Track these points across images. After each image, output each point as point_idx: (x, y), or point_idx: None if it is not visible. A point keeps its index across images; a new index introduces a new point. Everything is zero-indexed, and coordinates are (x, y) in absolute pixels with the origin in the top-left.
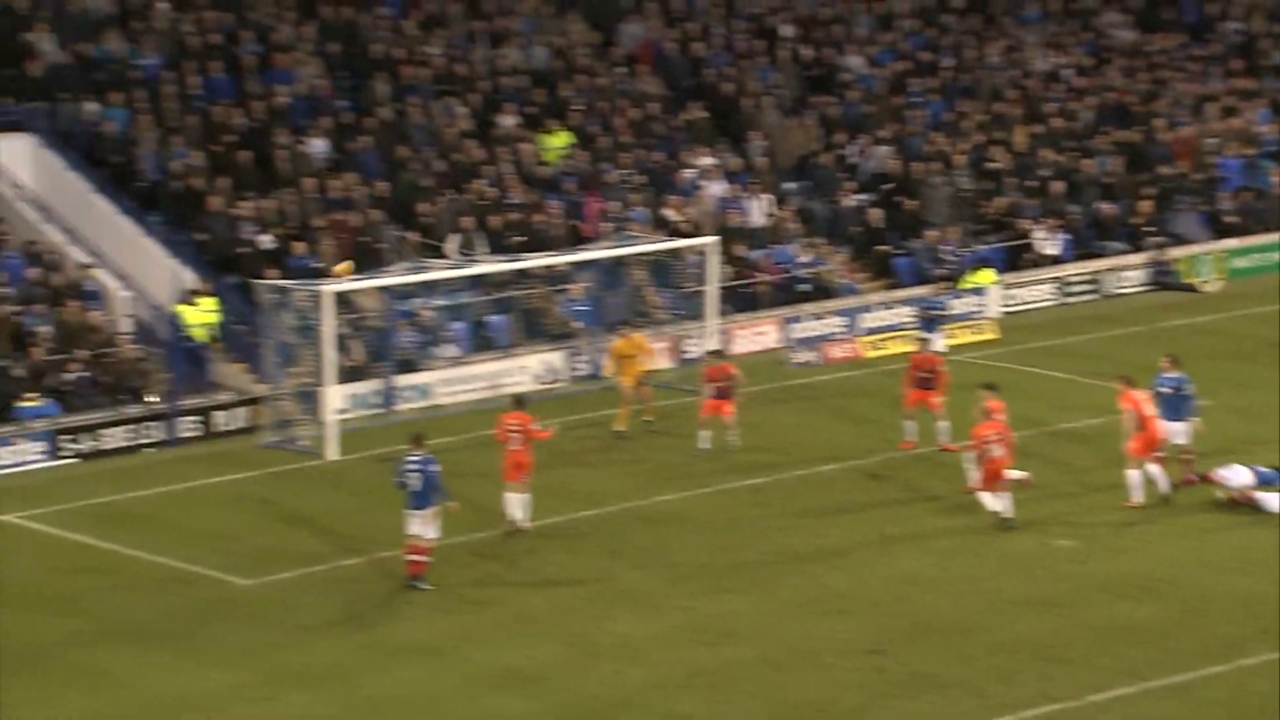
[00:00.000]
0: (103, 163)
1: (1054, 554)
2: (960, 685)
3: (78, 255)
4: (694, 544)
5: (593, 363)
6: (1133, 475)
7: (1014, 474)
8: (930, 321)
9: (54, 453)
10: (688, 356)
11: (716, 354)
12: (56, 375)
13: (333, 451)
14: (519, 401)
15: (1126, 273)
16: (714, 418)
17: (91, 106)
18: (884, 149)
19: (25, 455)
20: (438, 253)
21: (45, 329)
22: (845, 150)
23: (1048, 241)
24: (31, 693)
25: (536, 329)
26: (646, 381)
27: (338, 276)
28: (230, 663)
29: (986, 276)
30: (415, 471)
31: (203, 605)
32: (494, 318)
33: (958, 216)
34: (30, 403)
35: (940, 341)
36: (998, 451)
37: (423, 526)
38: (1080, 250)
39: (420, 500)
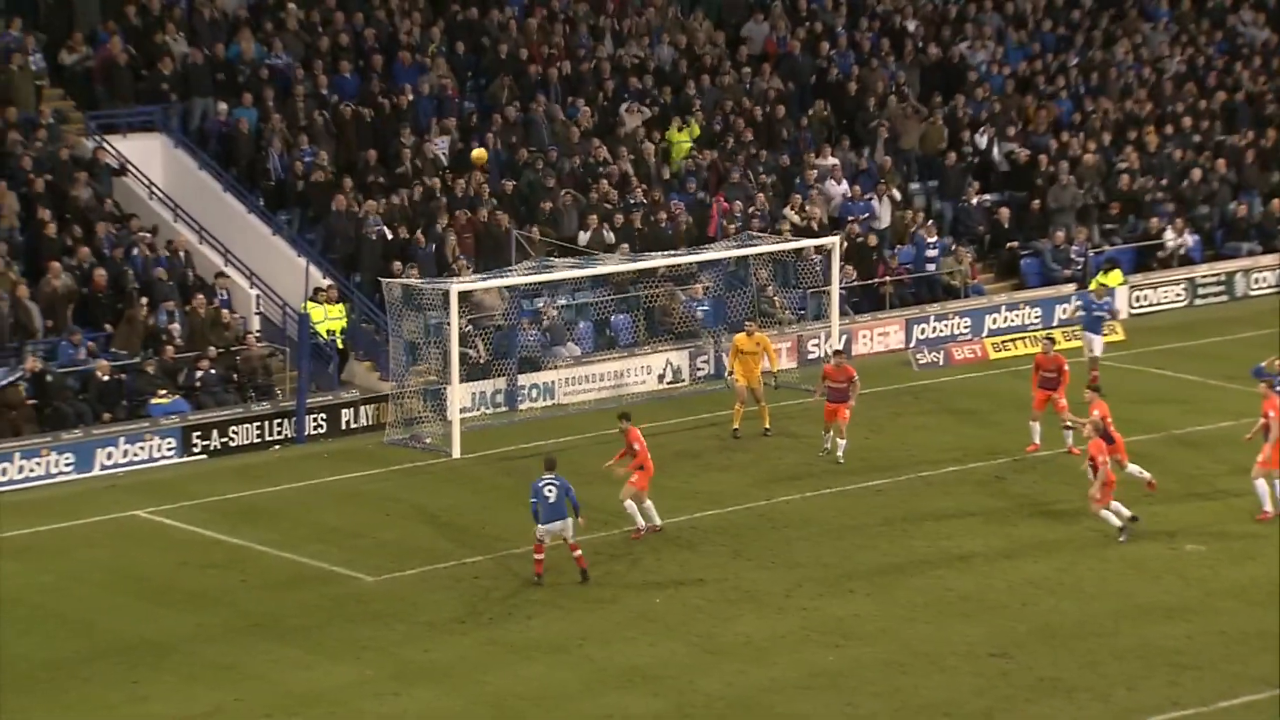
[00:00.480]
0: (233, 162)
1: (1183, 559)
2: (1086, 690)
3: (208, 254)
4: (816, 545)
5: (715, 363)
6: (1260, 485)
7: (1135, 470)
8: (1094, 322)
9: (184, 449)
10: (810, 357)
11: (840, 354)
12: (187, 373)
13: (457, 450)
14: (625, 416)
15: (1258, 274)
16: (835, 421)
17: (222, 106)
18: (1011, 147)
19: (156, 451)
20: (562, 252)
21: (176, 327)
22: (971, 149)
23: (1178, 242)
24: (162, 687)
25: (659, 328)
26: (764, 382)
27: (475, 163)
28: (356, 658)
29: (1115, 277)
30: (551, 486)
31: (330, 601)
32: (617, 317)
33: (1086, 217)
34: (161, 400)
35: (1100, 344)
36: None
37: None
38: (1210, 251)
39: (553, 513)
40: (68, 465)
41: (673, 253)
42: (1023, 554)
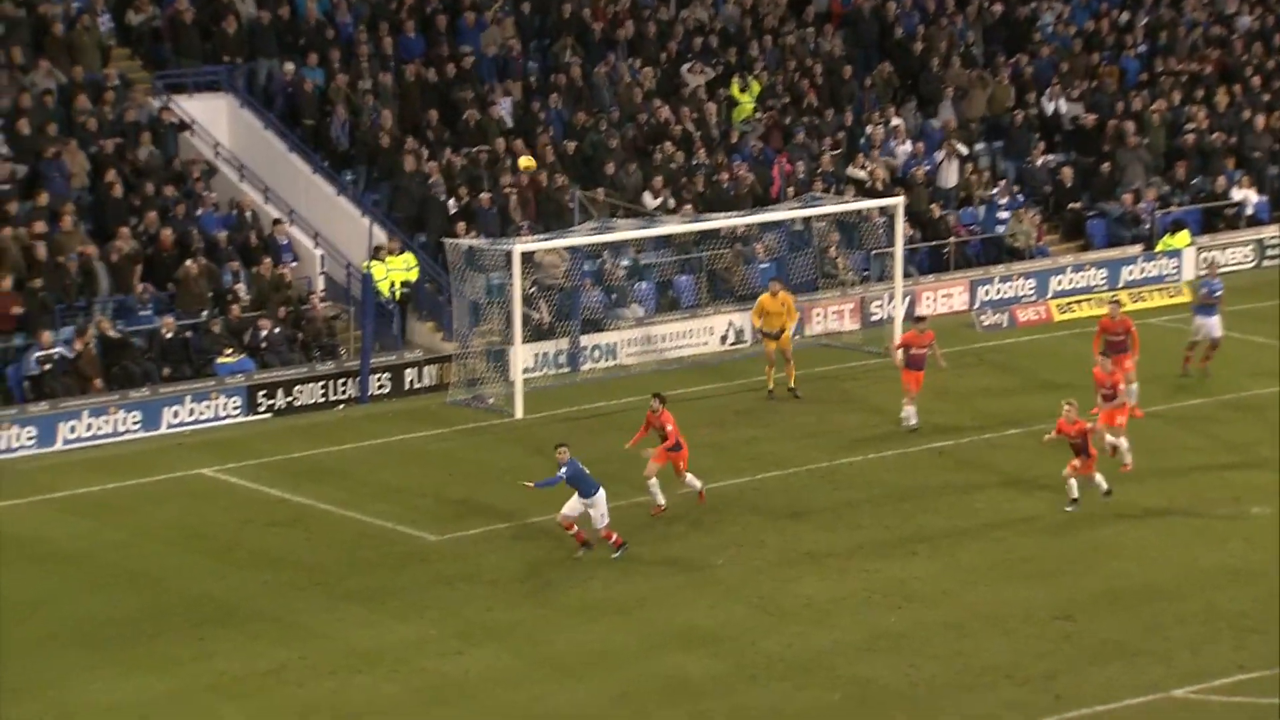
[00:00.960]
0: (298, 122)
1: (1249, 522)
2: (1149, 654)
3: (273, 213)
4: (878, 507)
5: None
6: None
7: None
8: (1209, 307)
9: (250, 408)
10: (874, 319)
11: (921, 320)
12: (253, 332)
13: (519, 410)
14: (660, 398)
15: None
16: (912, 388)
17: (288, 66)
18: (1078, 107)
19: (222, 410)
20: (624, 213)
21: (241, 287)
22: (1037, 109)
23: (1246, 203)
24: (228, 644)
25: (722, 289)
26: (790, 344)
27: (523, 170)
28: (419, 616)
29: (1182, 239)
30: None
31: (393, 560)
32: (680, 278)
33: (1153, 177)
34: (227, 359)
35: (1219, 326)
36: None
37: (590, 513)
38: (1279, 212)
39: (589, 488)
40: (135, 424)
41: (735, 214)
42: (1086, 517)
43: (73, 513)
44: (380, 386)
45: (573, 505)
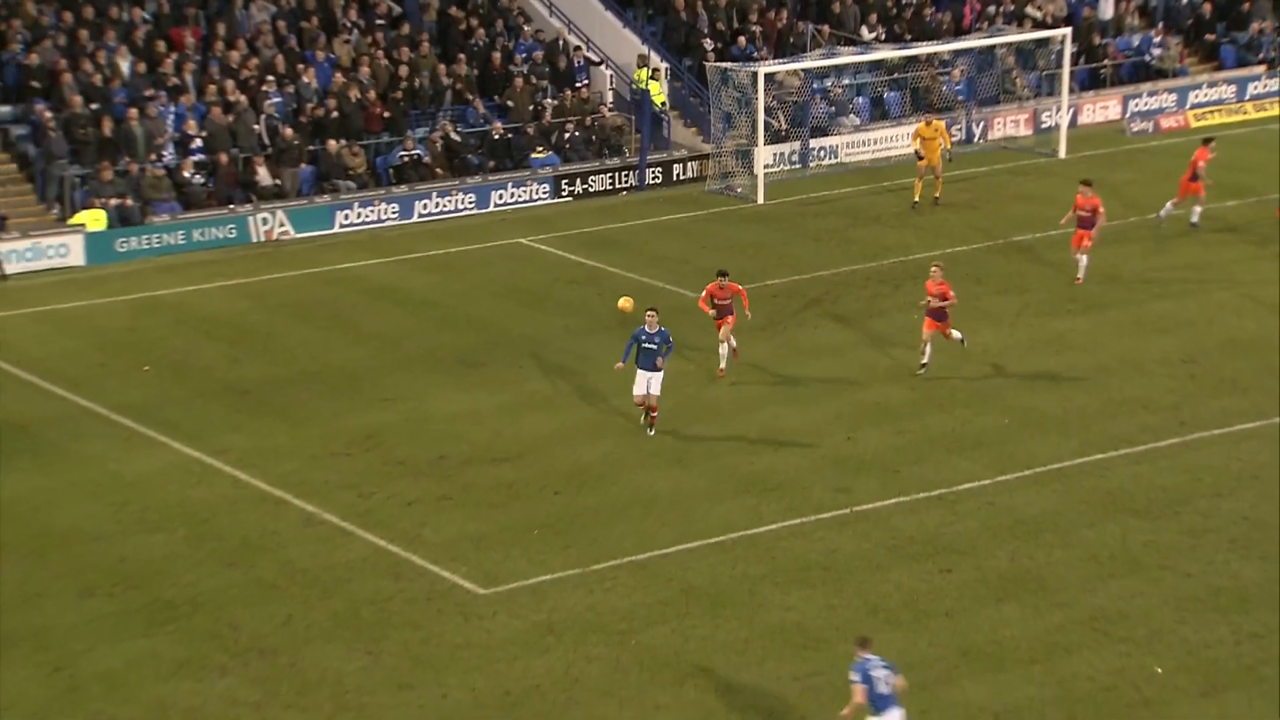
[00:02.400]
0: None
1: None
2: (1258, 389)
3: (574, 42)
4: (1043, 274)
5: (965, 130)
6: None
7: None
8: None
9: (555, 192)
10: (1043, 126)
11: (1087, 184)
12: (558, 134)
13: (761, 197)
14: (724, 274)
15: None
16: (1080, 247)
17: None
18: None
19: (535, 194)
20: (845, 42)
21: (550, 101)
22: None
23: None
24: (539, 372)
25: (922, 103)
26: (944, 159)
27: (621, 310)
28: (679, 354)
29: None
30: (653, 343)
31: (663, 310)
32: (889, 94)
33: (1277, 9)
34: (539, 155)
35: None
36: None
37: (650, 386)
38: None
39: (650, 362)
40: (470, 203)
41: (934, 42)
42: (1212, 282)
43: (425, 269)
44: (654, 177)
45: (640, 384)
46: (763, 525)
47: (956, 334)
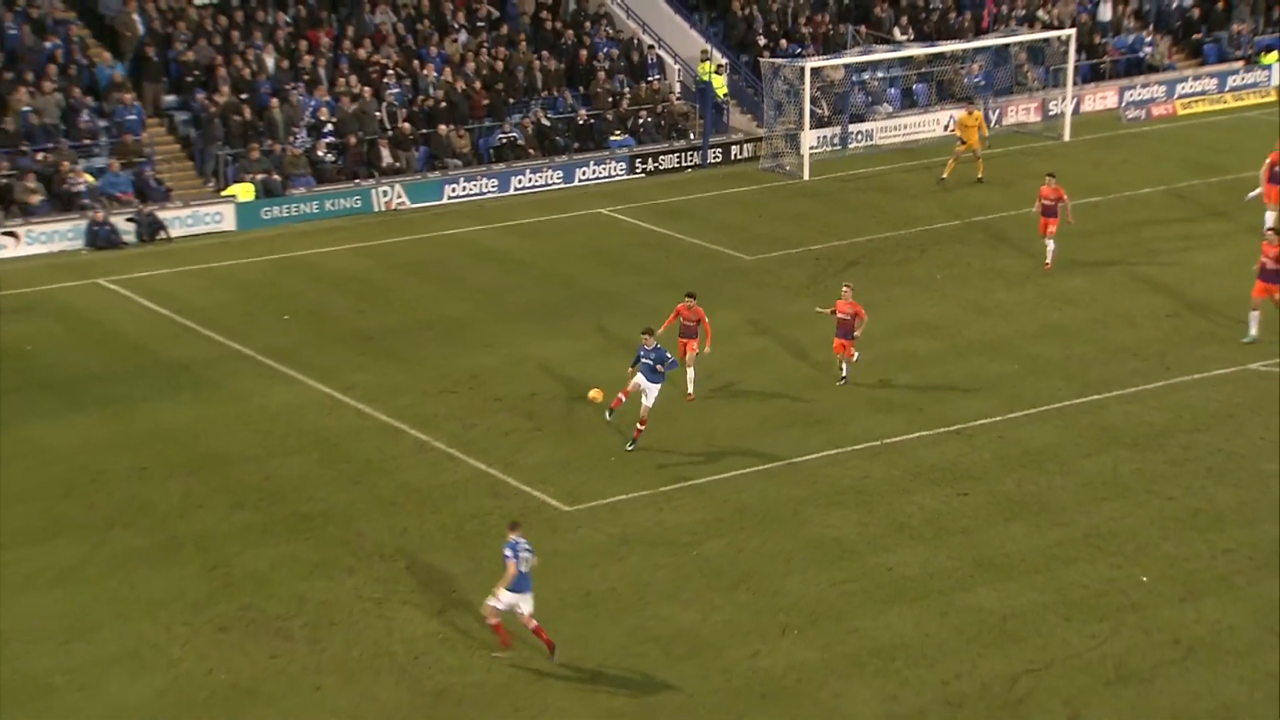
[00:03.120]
0: None
1: None
2: (1233, 341)
3: (648, 40)
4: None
5: (984, 118)
6: None
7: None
8: None
9: (630, 170)
10: (1051, 113)
11: (1052, 175)
12: (633, 120)
13: (807, 173)
14: (691, 295)
15: None
16: (1046, 233)
17: None
18: None
19: (613, 171)
20: (880, 41)
21: (627, 91)
22: None
23: None
24: (616, 323)
25: (946, 94)
26: (982, 143)
27: (591, 401)
28: (736, 308)
29: (1271, 58)
30: (649, 358)
31: (722, 271)
32: (917, 85)
33: (1256, 12)
34: (617, 137)
35: None
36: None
37: (645, 398)
38: None
39: (650, 371)
40: (557, 178)
41: (957, 41)
42: (1197, 248)
43: (519, 235)
44: (715, 157)
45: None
46: (805, 455)
47: (856, 355)
